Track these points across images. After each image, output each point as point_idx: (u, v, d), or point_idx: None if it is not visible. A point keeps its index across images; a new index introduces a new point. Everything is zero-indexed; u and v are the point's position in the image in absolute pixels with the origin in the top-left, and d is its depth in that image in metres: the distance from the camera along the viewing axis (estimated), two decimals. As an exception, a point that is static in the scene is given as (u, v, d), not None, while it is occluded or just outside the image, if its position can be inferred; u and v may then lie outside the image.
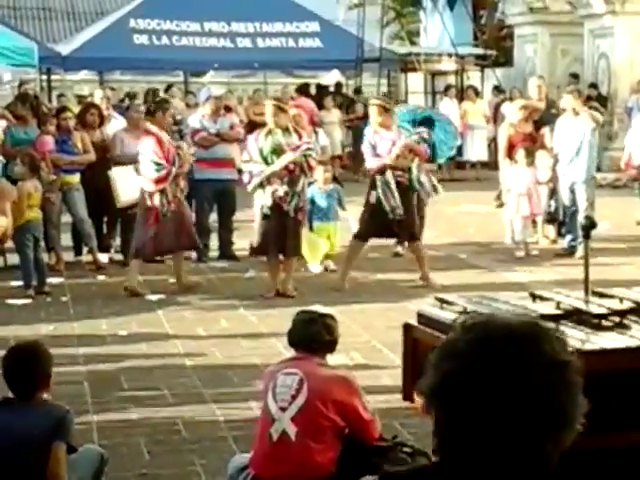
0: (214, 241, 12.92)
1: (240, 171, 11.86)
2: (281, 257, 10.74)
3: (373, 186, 10.94)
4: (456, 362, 1.87)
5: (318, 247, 11.78)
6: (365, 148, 11.17)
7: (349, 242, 11.31)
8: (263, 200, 10.42)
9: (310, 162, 10.56)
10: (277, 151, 10.39)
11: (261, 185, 10.41)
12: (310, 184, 11.32)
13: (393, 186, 10.79)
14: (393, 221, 10.80)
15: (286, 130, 10.49)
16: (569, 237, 13.03)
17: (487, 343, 1.87)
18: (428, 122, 12.74)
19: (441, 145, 12.30)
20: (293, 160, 10.36)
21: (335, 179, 12.86)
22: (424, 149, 11.09)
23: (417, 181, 10.96)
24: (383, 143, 10.92)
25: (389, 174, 10.82)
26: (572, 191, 12.95)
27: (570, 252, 12.72)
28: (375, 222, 10.86)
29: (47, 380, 5.13)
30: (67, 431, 5.00)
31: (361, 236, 11.08)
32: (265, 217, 10.41)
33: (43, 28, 34.24)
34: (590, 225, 5.54)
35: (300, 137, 10.59)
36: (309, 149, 10.58)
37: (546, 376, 1.86)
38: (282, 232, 10.39)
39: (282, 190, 10.31)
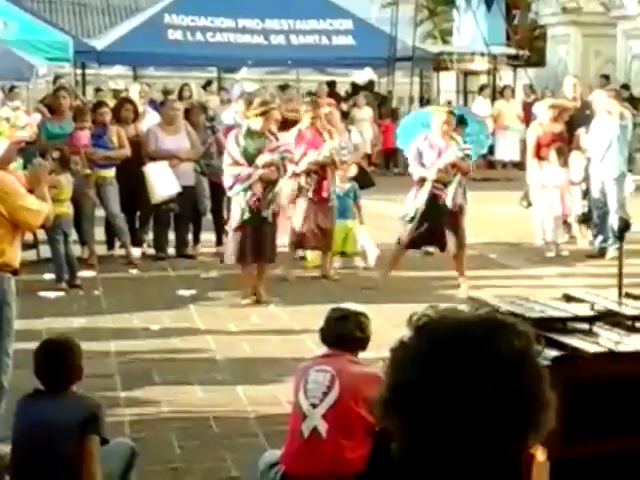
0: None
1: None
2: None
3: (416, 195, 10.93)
4: (407, 371, 1.78)
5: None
6: (411, 153, 11.06)
7: (394, 247, 11.26)
8: (241, 205, 10.18)
9: (286, 164, 10.36)
10: (259, 154, 10.17)
11: (243, 190, 10.17)
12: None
13: (424, 195, 10.72)
14: (437, 230, 10.80)
15: (262, 134, 10.27)
16: (600, 238, 12.98)
17: (438, 348, 1.77)
18: (460, 121, 12.76)
19: (479, 136, 12.32)
20: (271, 161, 10.14)
21: (366, 176, 12.85)
22: (468, 165, 11.01)
23: (452, 198, 10.78)
24: (430, 152, 10.81)
25: (427, 186, 10.73)
26: (603, 192, 12.90)
27: (601, 253, 12.68)
28: (420, 231, 10.83)
29: (78, 372, 5.18)
30: (99, 424, 5.04)
31: (406, 245, 11.05)
32: (244, 222, 10.15)
33: (78, 23, 34.39)
34: (624, 227, 5.54)
35: (277, 139, 10.41)
36: (287, 151, 10.42)
37: (503, 377, 1.75)
38: (260, 239, 10.23)
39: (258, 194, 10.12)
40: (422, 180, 10.84)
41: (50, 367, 5.11)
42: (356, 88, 25.51)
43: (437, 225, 10.77)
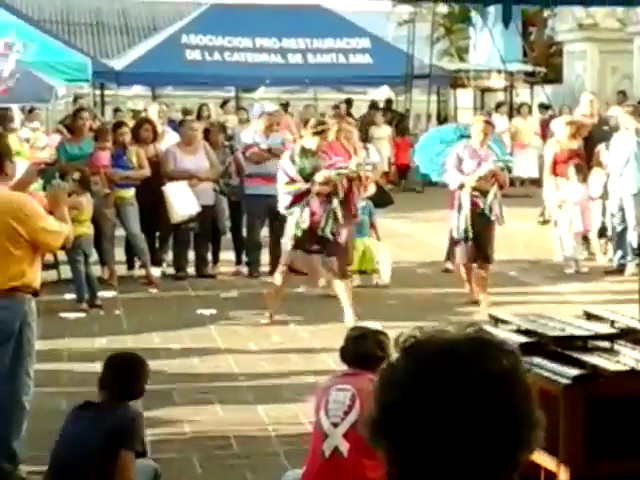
0: (265, 256, 12.98)
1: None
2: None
3: (458, 209, 11.00)
4: (395, 392, 1.77)
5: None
6: (450, 161, 11.11)
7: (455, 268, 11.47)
8: (293, 222, 10.17)
9: (343, 181, 10.32)
10: (315, 172, 10.19)
11: (300, 208, 10.15)
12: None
13: (467, 207, 10.85)
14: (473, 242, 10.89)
15: (316, 152, 10.29)
16: (619, 254, 12.97)
17: (425, 368, 1.76)
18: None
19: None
20: (329, 177, 10.17)
21: (385, 194, 12.86)
22: (505, 178, 11.14)
23: (489, 207, 10.92)
24: (470, 160, 10.94)
25: (467, 193, 10.87)
26: (621, 208, 12.89)
27: (620, 269, 12.66)
28: (469, 245, 10.95)
29: (141, 390, 5.38)
30: (135, 437, 5.10)
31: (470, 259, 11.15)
32: (297, 238, 10.11)
33: (96, 43, 34.61)
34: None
35: (330, 158, 10.41)
36: (343, 167, 10.42)
37: (492, 395, 1.73)
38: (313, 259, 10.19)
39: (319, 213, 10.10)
40: (460, 187, 10.91)
41: (119, 378, 5.22)
42: (376, 107, 25.57)
43: (480, 235, 10.91)
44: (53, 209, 6.49)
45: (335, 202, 10.20)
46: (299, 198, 10.11)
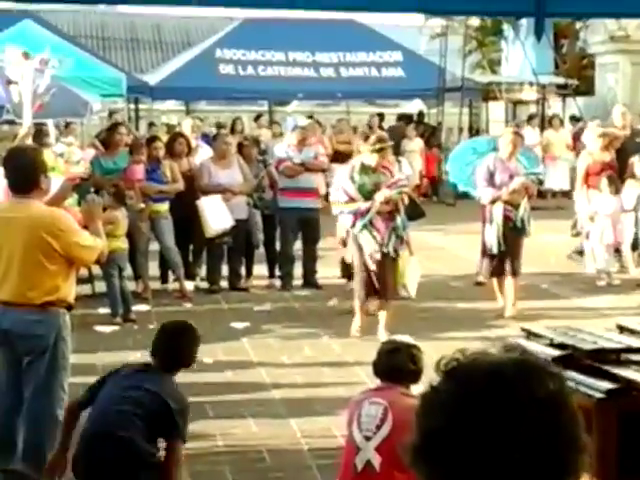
0: (298, 269, 13.01)
1: (326, 198, 11.81)
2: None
3: (490, 222, 11.02)
4: (438, 416, 1.70)
5: None
6: (481, 174, 11.13)
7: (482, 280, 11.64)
8: (368, 244, 10.11)
9: (404, 199, 10.38)
10: (376, 189, 10.14)
11: (364, 226, 10.13)
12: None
13: (499, 221, 10.89)
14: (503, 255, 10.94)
15: (376, 169, 10.23)
16: None
17: (470, 391, 1.69)
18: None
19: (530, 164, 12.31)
20: (390, 197, 10.14)
21: (417, 207, 12.86)
22: (534, 189, 11.24)
23: (520, 220, 10.99)
24: (502, 173, 10.97)
25: (499, 207, 10.91)
26: None
27: None
28: (498, 258, 11.03)
29: (192, 357, 5.51)
30: (183, 425, 5.22)
31: (491, 274, 11.26)
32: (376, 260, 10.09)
33: (131, 58, 34.83)
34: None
35: (391, 174, 10.38)
36: (404, 185, 10.47)
37: (540, 419, 1.67)
38: (382, 274, 10.18)
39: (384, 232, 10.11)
40: (493, 202, 10.91)
41: (170, 345, 5.39)
42: (403, 119, 25.59)
43: (510, 249, 10.98)
44: (88, 224, 6.56)
45: (398, 220, 10.23)
46: (361, 215, 10.11)
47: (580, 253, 14.27)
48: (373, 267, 10.12)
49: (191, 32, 36.09)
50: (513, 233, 10.95)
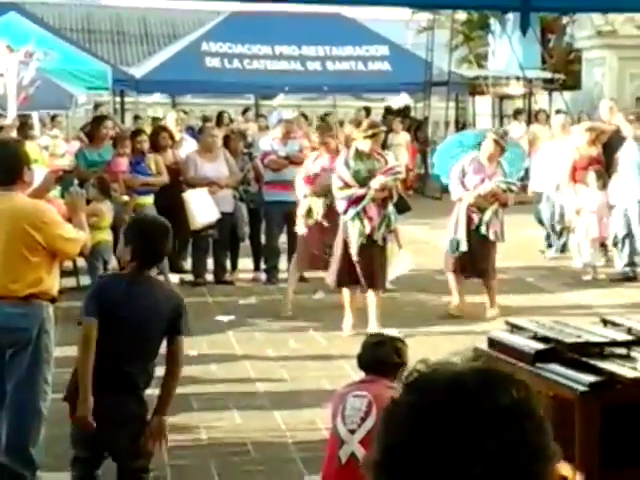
0: (283, 263, 13.00)
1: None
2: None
3: (455, 219, 10.97)
4: (399, 430, 1.61)
5: None
6: (455, 171, 11.10)
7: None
8: (356, 230, 10.05)
9: (398, 186, 10.36)
10: (370, 176, 10.09)
11: (357, 214, 10.07)
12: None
13: (463, 220, 10.80)
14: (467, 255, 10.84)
15: (371, 155, 10.19)
16: (625, 261, 12.96)
17: (430, 402, 1.60)
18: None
19: (509, 167, 12.25)
20: (385, 184, 10.10)
21: (403, 201, 12.86)
22: (507, 198, 11.03)
23: (486, 224, 10.83)
24: (474, 176, 10.90)
25: (463, 207, 10.83)
26: (626, 215, 12.86)
27: (628, 277, 12.67)
28: (462, 259, 10.90)
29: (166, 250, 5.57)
30: (185, 321, 5.36)
31: (454, 270, 11.08)
32: (363, 246, 10.04)
33: (117, 51, 34.79)
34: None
35: (385, 161, 10.34)
36: (399, 172, 10.45)
37: (504, 430, 1.58)
38: (369, 263, 10.13)
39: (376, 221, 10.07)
40: (459, 200, 10.90)
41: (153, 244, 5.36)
42: (390, 113, 25.59)
43: (474, 250, 10.81)
44: (71, 216, 6.52)
45: (390, 207, 10.24)
46: (354, 202, 10.04)
47: (550, 246, 14.44)
48: (357, 258, 10.08)
49: (177, 25, 36.06)
50: (476, 236, 10.80)
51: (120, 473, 5.38)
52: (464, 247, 10.75)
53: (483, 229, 10.81)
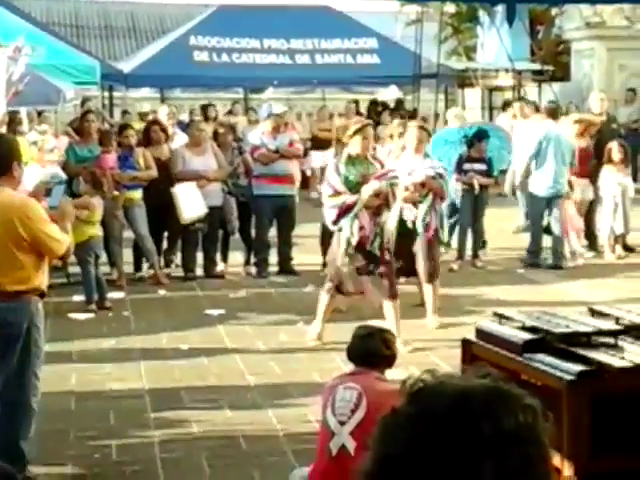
0: (273, 256, 13.01)
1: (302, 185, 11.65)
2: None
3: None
4: (395, 442, 1.53)
5: None
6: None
7: None
8: (347, 235, 9.19)
9: (395, 191, 9.32)
10: (364, 181, 9.19)
11: (349, 222, 9.15)
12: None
13: (395, 216, 9.86)
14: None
15: (364, 157, 9.38)
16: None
17: (431, 417, 1.52)
18: (481, 135, 12.83)
19: (500, 151, 12.30)
20: (379, 189, 9.17)
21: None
22: (440, 187, 10.25)
23: (422, 220, 10.20)
24: (400, 171, 9.87)
25: (396, 207, 9.81)
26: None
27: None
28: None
29: None
30: None
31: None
32: (350, 256, 9.17)
33: (105, 46, 34.68)
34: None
35: (382, 165, 9.56)
36: (395, 177, 9.42)
37: (505, 456, 1.50)
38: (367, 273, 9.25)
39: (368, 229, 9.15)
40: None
41: None
42: (376, 105, 25.60)
43: (409, 251, 10.21)
44: (58, 221, 6.47)
45: (385, 215, 9.32)
46: (346, 211, 9.17)
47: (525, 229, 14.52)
48: (345, 269, 9.26)
49: (165, 19, 35.98)
50: (413, 233, 10.19)
51: None
52: (393, 245, 9.54)
53: (419, 224, 10.17)
